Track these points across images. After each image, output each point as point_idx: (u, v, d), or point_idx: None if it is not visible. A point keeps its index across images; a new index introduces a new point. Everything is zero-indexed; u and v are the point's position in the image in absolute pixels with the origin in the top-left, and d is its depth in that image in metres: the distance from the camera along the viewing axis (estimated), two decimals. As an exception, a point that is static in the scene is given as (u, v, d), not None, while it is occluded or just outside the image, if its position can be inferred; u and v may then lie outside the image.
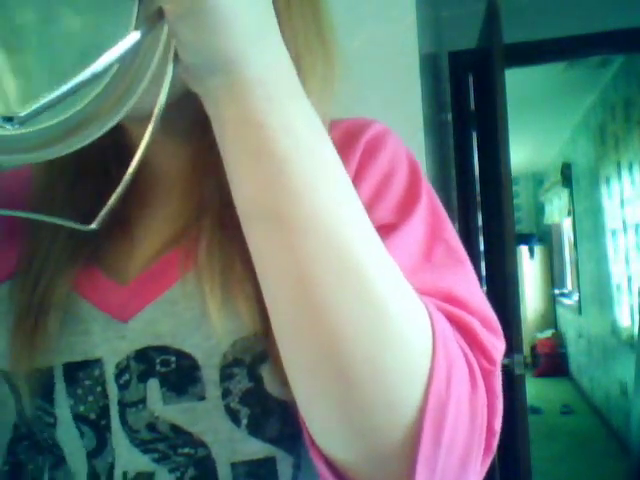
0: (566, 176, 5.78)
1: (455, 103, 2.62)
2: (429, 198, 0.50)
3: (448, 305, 0.41)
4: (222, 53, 0.31)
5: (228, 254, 0.44)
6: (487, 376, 0.40)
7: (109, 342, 0.46)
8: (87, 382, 0.46)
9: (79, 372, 0.46)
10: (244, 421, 0.45)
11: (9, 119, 0.29)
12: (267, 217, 0.34)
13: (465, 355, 0.39)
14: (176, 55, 0.32)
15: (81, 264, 0.48)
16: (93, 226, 0.34)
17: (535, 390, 5.57)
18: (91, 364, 0.46)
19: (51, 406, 0.47)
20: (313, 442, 0.39)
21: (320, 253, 0.33)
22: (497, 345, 0.42)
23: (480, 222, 2.60)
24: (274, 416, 0.45)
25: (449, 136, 2.57)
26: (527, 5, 2.54)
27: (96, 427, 0.46)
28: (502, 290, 2.00)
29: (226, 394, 0.45)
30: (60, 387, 0.47)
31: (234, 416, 0.45)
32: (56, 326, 0.46)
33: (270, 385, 0.45)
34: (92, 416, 0.46)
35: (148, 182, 0.51)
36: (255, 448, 0.46)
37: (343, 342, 0.33)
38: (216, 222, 0.45)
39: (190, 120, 0.45)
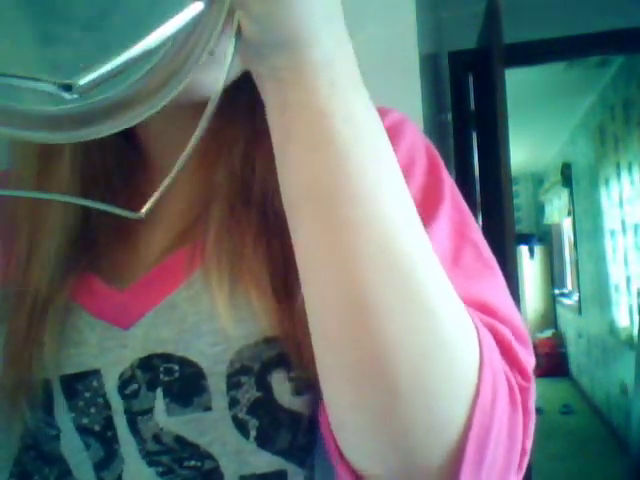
0: (566, 176, 5.77)
1: (455, 103, 2.62)
2: (452, 193, 0.46)
3: (480, 313, 0.38)
4: (293, 30, 0.28)
5: (237, 254, 0.41)
6: (522, 393, 0.37)
7: (109, 352, 0.44)
8: (87, 394, 0.44)
9: (77, 384, 0.44)
10: (253, 433, 0.42)
11: (68, 87, 0.26)
12: (320, 217, 0.31)
13: (504, 370, 0.36)
14: (239, 30, 0.29)
15: (79, 272, 0.46)
16: (142, 212, 0.32)
17: (535, 390, 5.56)
18: (89, 375, 0.44)
19: (53, 419, 0.45)
20: (342, 457, 0.36)
21: (373, 253, 0.31)
22: (529, 359, 0.39)
23: (480, 222, 2.60)
24: (285, 428, 0.42)
25: (449, 136, 2.57)
26: (527, 5, 2.54)
27: (103, 439, 0.44)
28: (502, 290, 1.99)
29: (233, 404, 0.42)
30: (60, 400, 0.44)
31: (242, 427, 0.42)
32: (52, 338, 0.44)
33: (280, 395, 0.42)
34: (97, 428, 0.44)
35: (154, 181, 0.48)
36: (265, 461, 0.43)
37: (389, 347, 0.31)
38: (225, 215, 0.42)
39: (196, 108, 0.43)
